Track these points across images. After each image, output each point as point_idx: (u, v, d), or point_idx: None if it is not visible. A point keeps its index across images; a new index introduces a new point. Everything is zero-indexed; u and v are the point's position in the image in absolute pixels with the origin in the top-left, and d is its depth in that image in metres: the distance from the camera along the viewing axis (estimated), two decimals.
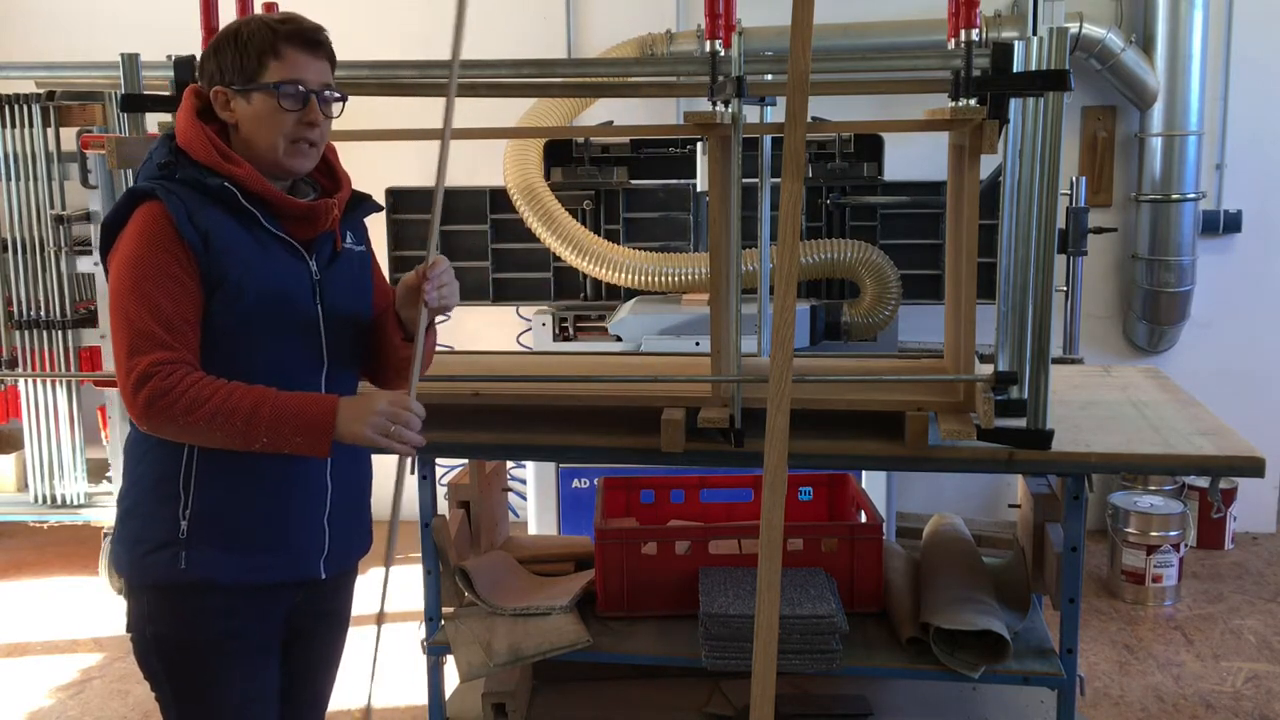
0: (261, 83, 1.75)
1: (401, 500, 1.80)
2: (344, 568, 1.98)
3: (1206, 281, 4.72)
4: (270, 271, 1.77)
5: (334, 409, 1.70)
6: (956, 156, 2.38)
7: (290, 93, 1.75)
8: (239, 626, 1.82)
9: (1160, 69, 4.50)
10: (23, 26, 5.12)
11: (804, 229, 4.05)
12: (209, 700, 1.84)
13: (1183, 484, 4.69)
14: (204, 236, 1.71)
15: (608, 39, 4.69)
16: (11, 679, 3.69)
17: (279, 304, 1.78)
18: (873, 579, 2.54)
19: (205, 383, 1.67)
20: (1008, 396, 2.24)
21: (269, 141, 1.77)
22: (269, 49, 1.75)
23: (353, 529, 1.96)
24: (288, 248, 1.80)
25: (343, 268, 1.89)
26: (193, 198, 1.73)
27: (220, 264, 1.72)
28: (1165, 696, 3.45)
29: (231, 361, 1.75)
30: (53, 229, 4.27)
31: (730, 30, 2.20)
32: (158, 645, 1.83)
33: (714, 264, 2.32)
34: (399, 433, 1.70)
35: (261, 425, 1.66)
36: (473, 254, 4.35)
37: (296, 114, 1.76)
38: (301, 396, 1.71)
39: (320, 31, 1.81)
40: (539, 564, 2.83)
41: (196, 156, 1.75)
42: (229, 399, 1.66)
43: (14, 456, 4.62)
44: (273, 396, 1.68)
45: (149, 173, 1.79)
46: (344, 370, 1.92)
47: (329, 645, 2.06)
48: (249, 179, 1.75)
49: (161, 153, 1.79)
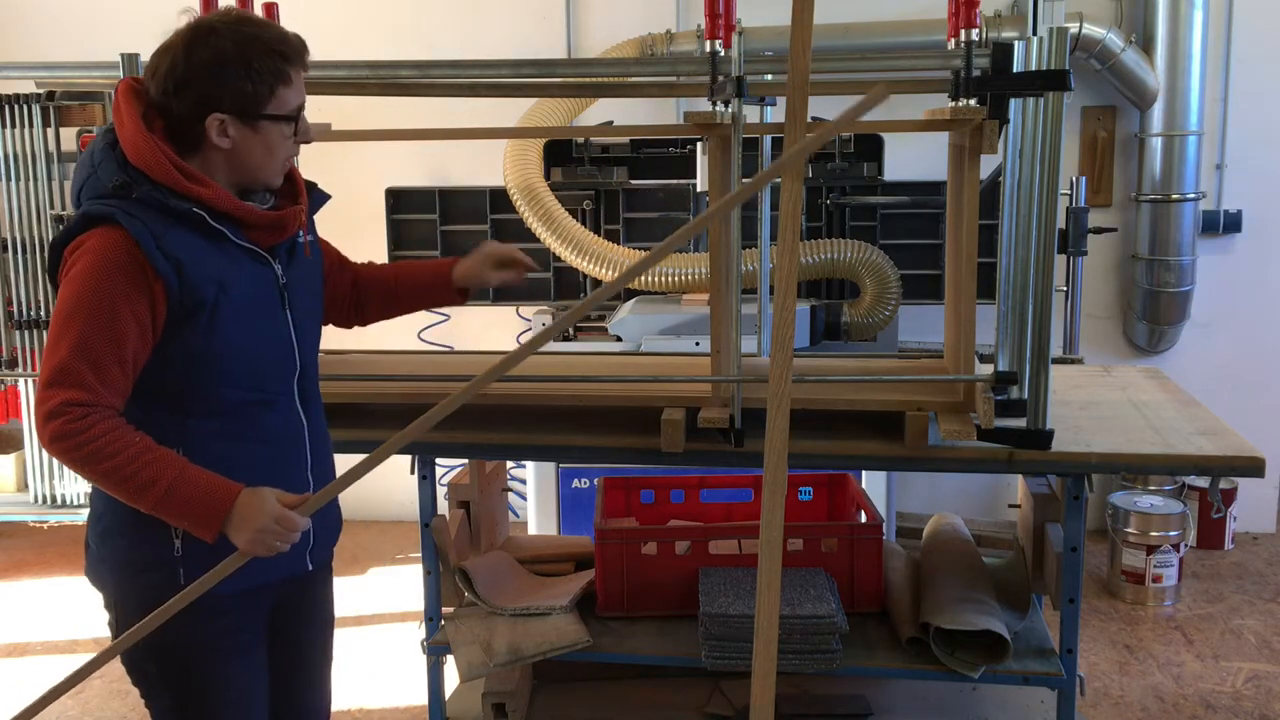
0: (271, 114, 1.69)
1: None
2: (324, 558, 1.99)
3: (1206, 281, 4.72)
4: (243, 288, 1.73)
5: (228, 507, 1.63)
6: (956, 156, 2.38)
7: (302, 120, 1.74)
8: (231, 625, 1.83)
9: (1160, 69, 4.50)
10: (23, 26, 5.12)
11: (804, 229, 4.06)
12: (210, 700, 1.84)
13: (1183, 484, 4.69)
14: (176, 265, 1.63)
15: (608, 39, 4.69)
16: (11, 679, 3.69)
17: (254, 319, 1.76)
18: (873, 579, 2.54)
19: (113, 436, 1.60)
20: (1008, 396, 2.24)
21: (270, 168, 1.74)
22: (278, 77, 1.68)
23: (329, 520, 1.97)
24: (255, 257, 1.77)
25: (303, 264, 1.88)
26: (156, 221, 1.64)
27: (195, 291, 1.66)
28: (1165, 696, 3.45)
29: (209, 383, 1.73)
30: (53, 229, 4.27)
31: (730, 30, 2.20)
32: (150, 651, 1.79)
33: (714, 264, 2.32)
34: (274, 546, 1.66)
35: (152, 499, 1.61)
36: None
37: (295, 136, 1.75)
38: (202, 482, 1.63)
39: (305, 46, 1.75)
40: (539, 564, 2.83)
41: (154, 176, 1.65)
42: (131, 463, 1.60)
43: (14, 456, 4.62)
44: (174, 473, 1.61)
45: (97, 191, 1.67)
46: (312, 369, 1.91)
47: (317, 637, 2.06)
48: (217, 199, 1.67)
49: (109, 170, 1.66)
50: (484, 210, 4.33)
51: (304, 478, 1.86)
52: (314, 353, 1.93)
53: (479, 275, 2.13)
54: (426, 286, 2.15)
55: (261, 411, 1.79)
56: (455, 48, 4.80)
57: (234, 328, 1.71)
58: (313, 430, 1.89)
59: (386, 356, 2.80)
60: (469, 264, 2.13)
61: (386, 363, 2.70)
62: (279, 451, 1.83)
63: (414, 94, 2.47)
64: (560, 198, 4.10)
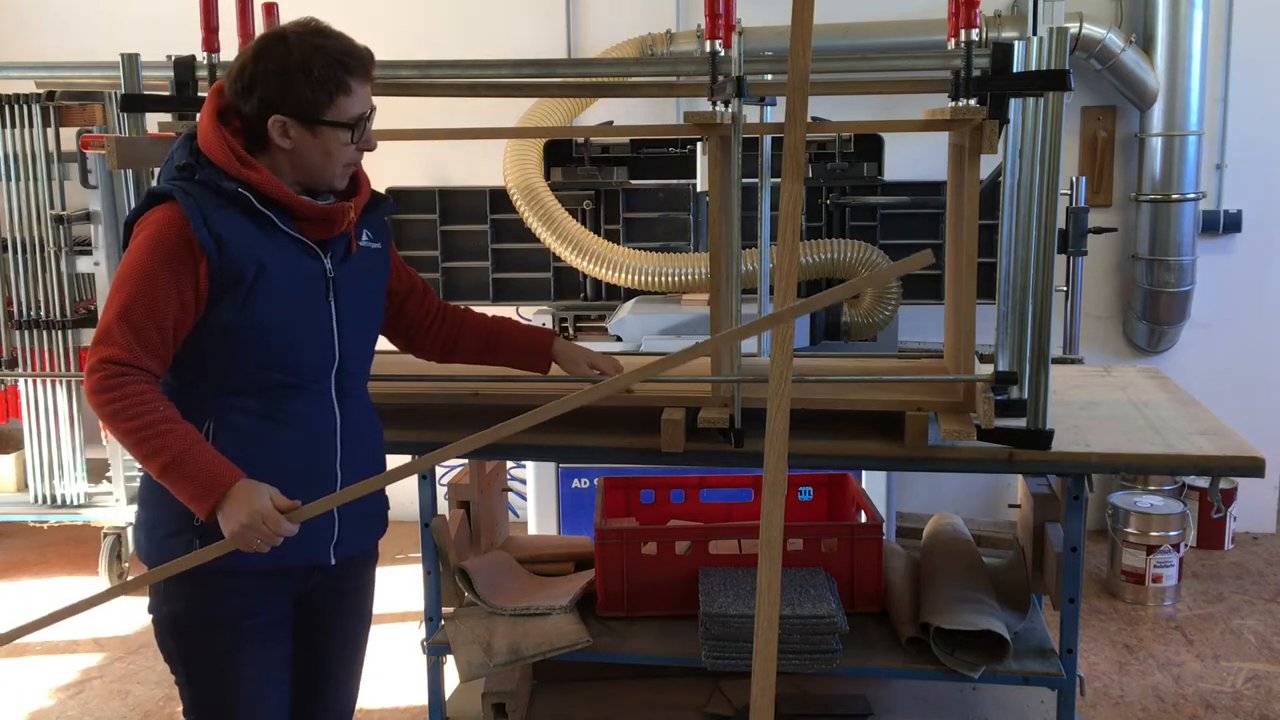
0: (329, 120, 1.79)
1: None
2: (356, 553, 2.01)
3: (1206, 281, 4.72)
4: (284, 272, 1.81)
5: (221, 491, 1.71)
6: (956, 156, 2.38)
7: (363, 130, 1.83)
8: (250, 605, 1.87)
9: (1160, 69, 4.50)
10: (23, 26, 5.12)
11: (804, 229, 4.06)
12: (223, 677, 1.89)
13: (1183, 484, 4.69)
14: (218, 239, 1.75)
15: (608, 39, 4.69)
16: (11, 679, 3.69)
17: (291, 303, 1.83)
18: (873, 579, 2.54)
19: (139, 399, 1.71)
20: (1008, 396, 2.24)
21: (330, 170, 1.84)
22: (338, 86, 1.78)
23: (366, 515, 2.00)
24: (303, 248, 1.85)
25: (358, 266, 1.94)
26: (209, 200, 1.77)
27: (234, 265, 1.76)
28: (1165, 696, 3.45)
29: (244, 360, 1.81)
30: (53, 229, 4.26)
31: (730, 30, 2.20)
32: (173, 623, 1.89)
33: (714, 264, 2.32)
34: (253, 543, 1.71)
35: (158, 466, 1.71)
36: (473, 254, 4.35)
37: (356, 143, 1.83)
38: (205, 461, 1.72)
39: (373, 58, 1.85)
40: (539, 564, 2.83)
41: (214, 159, 1.79)
42: (147, 428, 1.70)
43: (14, 456, 4.62)
44: (183, 447, 1.71)
45: (169, 174, 1.83)
46: (355, 366, 1.96)
47: (347, 634, 2.09)
48: (265, 184, 1.79)
49: (182, 154, 1.82)
50: (484, 210, 4.33)
51: (332, 471, 1.90)
52: (361, 351, 1.98)
53: (573, 361, 2.24)
54: (522, 349, 2.25)
55: (292, 396, 1.85)
56: (455, 48, 4.80)
57: (268, 309, 1.79)
58: (347, 425, 1.92)
59: (386, 356, 2.79)
60: (570, 348, 2.27)
61: (387, 362, 2.70)
62: (308, 439, 1.87)
63: (414, 94, 2.47)
64: (560, 198, 4.10)
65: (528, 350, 2.25)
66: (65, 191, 4.30)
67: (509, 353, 2.26)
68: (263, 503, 1.70)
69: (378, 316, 2.07)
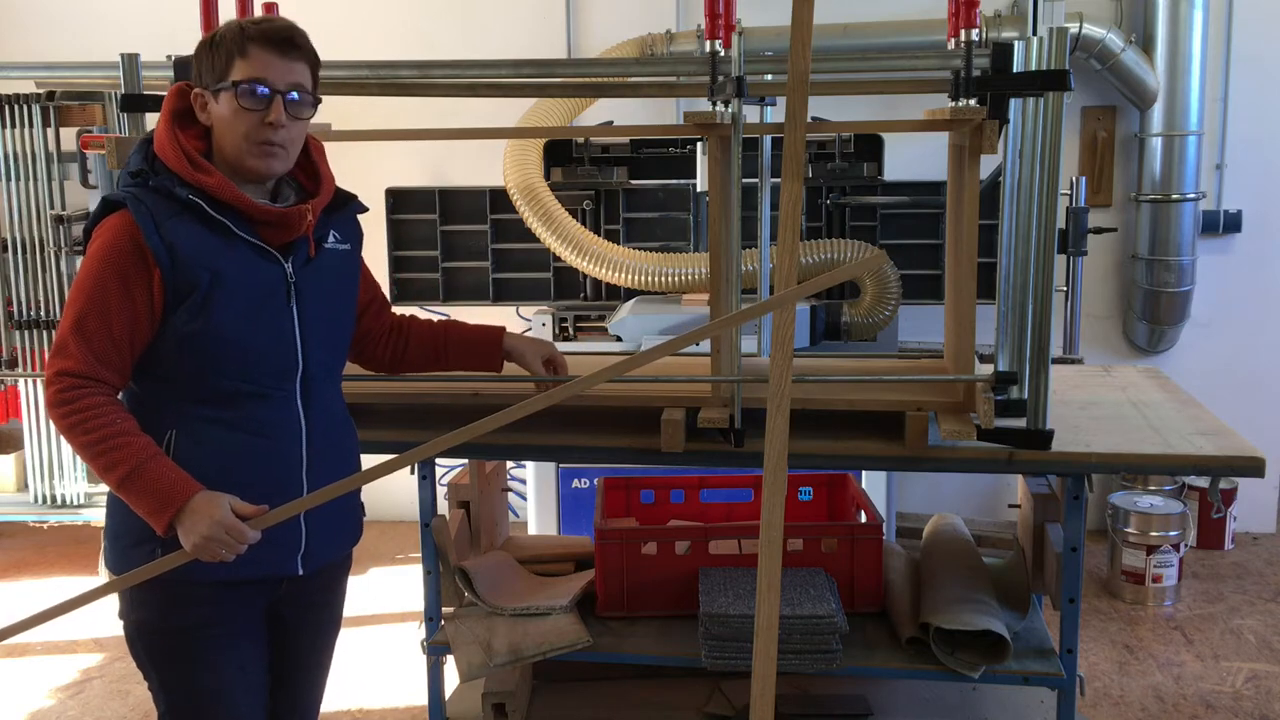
0: (226, 82, 1.75)
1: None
2: (326, 563, 1.98)
3: (1206, 281, 4.72)
4: (240, 278, 1.77)
5: (178, 505, 1.69)
6: (956, 156, 2.38)
7: (249, 91, 1.74)
8: (216, 614, 1.84)
9: (1160, 69, 4.50)
10: (23, 26, 5.12)
11: (804, 229, 4.06)
12: (193, 686, 1.87)
13: (1183, 484, 4.69)
14: (170, 247, 1.72)
15: (608, 39, 4.69)
16: (11, 679, 3.69)
17: (250, 310, 1.78)
18: (873, 579, 2.54)
19: (96, 413, 1.70)
20: (1008, 396, 2.24)
21: (234, 143, 1.77)
22: (236, 49, 1.75)
23: (336, 523, 1.96)
24: (261, 253, 1.80)
25: (323, 268, 1.89)
26: (162, 206, 1.74)
27: (187, 274, 1.73)
28: (1165, 696, 3.45)
29: (204, 368, 1.77)
30: (53, 229, 4.27)
31: (730, 30, 2.20)
32: (141, 632, 1.87)
33: (714, 264, 2.32)
34: (217, 553, 1.70)
35: (114, 480, 1.70)
36: (473, 254, 4.35)
37: (259, 114, 1.75)
38: (161, 475, 1.70)
39: (291, 31, 1.78)
40: (539, 564, 2.83)
41: (168, 163, 1.76)
42: (103, 442, 1.69)
43: (14, 456, 4.62)
44: (137, 462, 1.69)
45: (124, 180, 1.81)
46: (322, 371, 1.91)
47: (317, 642, 2.06)
48: (218, 188, 1.75)
49: (137, 159, 1.80)
50: (484, 210, 4.32)
51: (297, 478, 1.86)
52: (329, 355, 1.93)
53: (524, 354, 2.23)
54: (473, 342, 2.22)
55: (255, 404, 1.81)
56: (455, 48, 4.80)
57: (226, 316, 1.76)
58: (314, 432, 1.88)
59: None
60: (521, 340, 2.25)
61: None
62: (272, 446, 1.84)
63: (414, 94, 2.47)
64: (560, 198, 4.10)
65: (479, 346, 2.21)
66: (65, 191, 4.31)
67: (459, 352, 2.22)
68: (222, 513, 1.68)
69: (348, 319, 2.00)
